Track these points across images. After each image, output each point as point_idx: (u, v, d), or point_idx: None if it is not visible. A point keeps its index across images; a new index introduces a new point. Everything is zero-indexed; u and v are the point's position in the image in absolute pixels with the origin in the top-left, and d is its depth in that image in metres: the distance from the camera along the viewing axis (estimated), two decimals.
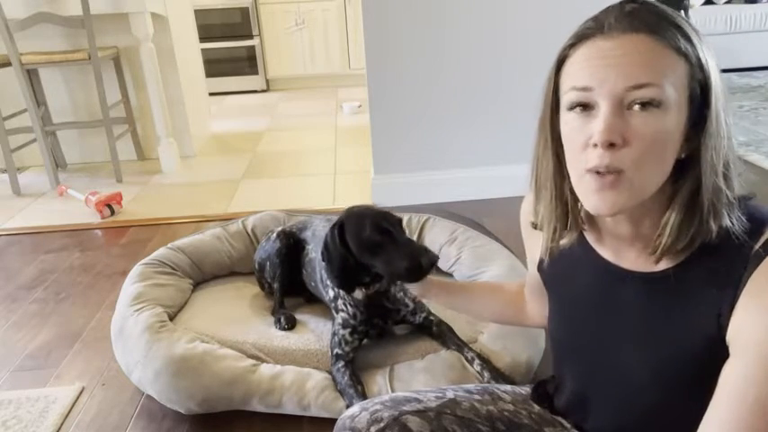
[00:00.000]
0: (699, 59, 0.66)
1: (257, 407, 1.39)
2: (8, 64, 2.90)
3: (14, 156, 3.07)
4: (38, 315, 1.94)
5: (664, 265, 0.72)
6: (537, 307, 1.06)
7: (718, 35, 4.78)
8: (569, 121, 0.70)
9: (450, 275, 1.85)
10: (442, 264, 1.88)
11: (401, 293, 1.49)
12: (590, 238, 0.81)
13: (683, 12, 4.27)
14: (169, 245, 1.89)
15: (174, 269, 1.80)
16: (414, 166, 2.65)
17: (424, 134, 2.60)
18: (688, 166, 0.68)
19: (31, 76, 3.13)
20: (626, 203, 0.68)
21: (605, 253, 0.79)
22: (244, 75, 5.32)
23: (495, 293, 1.16)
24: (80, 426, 1.44)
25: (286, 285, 1.67)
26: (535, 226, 0.84)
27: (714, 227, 0.67)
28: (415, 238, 1.94)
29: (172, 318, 1.62)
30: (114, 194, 2.76)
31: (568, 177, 0.73)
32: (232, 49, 5.22)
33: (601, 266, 0.79)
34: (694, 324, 0.70)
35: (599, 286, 0.81)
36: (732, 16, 4.86)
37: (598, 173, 0.67)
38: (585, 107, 0.68)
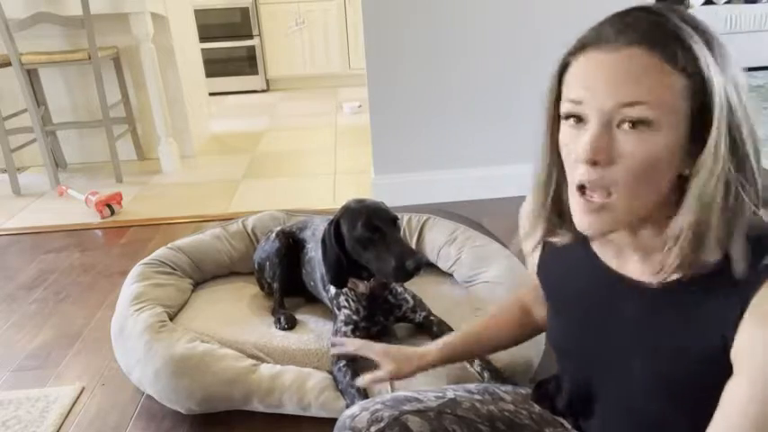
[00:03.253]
0: (702, 74, 0.62)
1: (257, 407, 1.39)
2: (8, 64, 2.90)
3: (14, 156, 3.07)
4: (38, 315, 1.94)
5: (670, 276, 0.70)
6: (544, 309, 1.05)
7: None
8: (564, 132, 0.69)
9: (451, 275, 1.85)
10: (441, 264, 1.88)
11: (401, 288, 1.49)
12: (593, 242, 0.79)
13: None
14: (169, 245, 1.89)
15: (173, 269, 1.80)
16: (414, 166, 2.65)
17: (424, 134, 2.60)
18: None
19: (31, 76, 3.13)
20: (612, 227, 0.67)
21: (608, 258, 0.77)
22: (244, 75, 5.32)
23: (491, 328, 1.08)
24: (80, 426, 1.44)
25: (286, 285, 1.67)
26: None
27: (724, 245, 0.64)
28: (415, 238, 1.94)
29: (172, 318, 1.62)
30: (114, 194, 2.76)
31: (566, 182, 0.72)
32: (232, 49, 5.22)
33: (602, 272, 0.78)
34: (698, 339, 0.68)
35: (599, 292, 0.79)
36: (732, 16, 4.87)
37: (584, 193, 0.66)
38: (579, 119, 0.66)
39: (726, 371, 0.65)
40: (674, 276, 0.68)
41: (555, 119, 0.71)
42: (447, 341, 1.06)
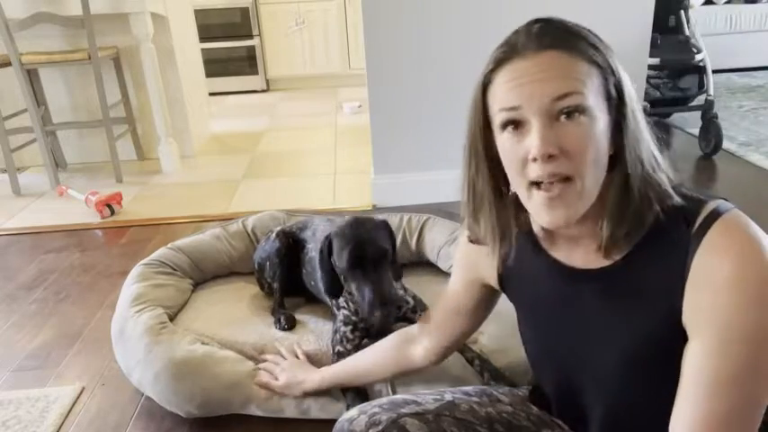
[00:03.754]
0: (609, 65, 0.71)
1: (256, 412, 1.39)
2: (8, 64, 2.90)
3: (14, 156, 3.07)
4: (38, 315, 1.94)
5: (610, 259, 0.74)
6: (435, 343, 1.07)
7: (718, 35, 4.78)
8: (504, 141, 0.73)
9: (450, 275, 1.85)
10: (441, 264, 1.88)
11: (402, 290, 1.50)
12: (544, 243, 0.83)
13: (683, 12, 4.27)
14: (169, 245, 1.89)
15: (173, 269, 1.80)
16: (414, 166, 2.65)
17: (424, 134, 2.60)
18: (615, 162, 0.72)
19: (31, 76, 3.13)
20: (577, 212, 0.71)
21: (559, 255, 0.81)
22: (244, 75, 5.32)
23: (364, 364, 1.22)
24: (80, 426, 1.44)
25: (286, 285, 1.67)
26: (474, 242, 0.88)
27: (649, 214, 0.70)
28: (415, 238, 1.94)
29: (172, 318, 1.62)
30: (114, 194, 2.76)
31: (506, 192, 0.78)
32: (232, 49, 5.21)
33: (556, 269, 0.81)
34: (651, 313, 0.71)
35: (557, 288, 0.82)
36: (732, 16, 4.86)
37: (541, 185, 0.70)
38: (517, 125, 0.71)
39: (681, 338, 0.69)
40: (619, 257, 0.73)
41: (484, 137, 0.78)
42: (331, 372, 1.28)
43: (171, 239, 1.99)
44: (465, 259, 0.99)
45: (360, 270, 1.27)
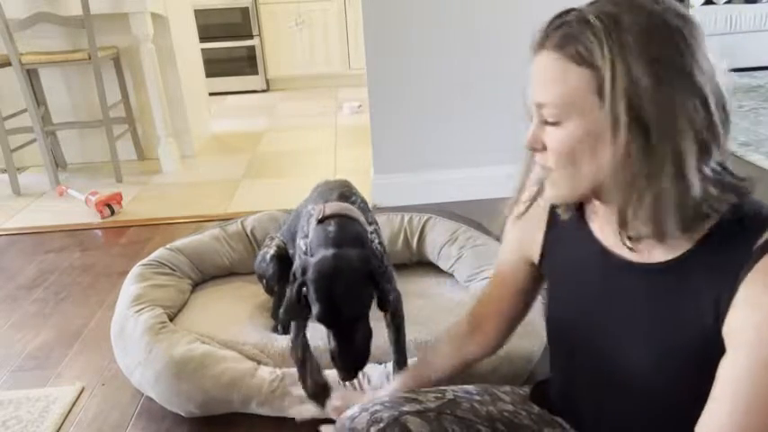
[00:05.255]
0: (615, 65, 0.65)
1: (257, 410, 1.39)
2: (8, 64, 2.90)
3: (14, 156, 3.07)
4: (38, 315, 1.94)
5: (664, 256, 0.73)
6: (494, 327, 1.03)
7: (718, 35, 4.78)
8: None
9: (451, 275, 1.85)
10: (442, 263, 1.88)
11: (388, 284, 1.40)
12: (593, 226, 0.82)
13: None
14: (168, 246, 1.89)
15: (173, 270, 1.79)
16: (414, 166, 2.65)
17: (424, 134, 2.60)
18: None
19: (31, 76, 3.13)
20: (561, 196, 0.77)
21: (607, 241, 0.80)
22: (244, 75, 5.31)
23: (430, 367, 1.11)
24: (80, 426, 1.44)
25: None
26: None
27: (690, 218, 0.68)
28: (416, 237, 1.93)
29: (172, 318, 1.62)
30: (114, 194, 2.76)
31: None
32: (232, 49, 5.21)
33: (602, 254, 0.80)
34: (693, 317, 0.70)
35: (600, 273, 0.81)
36: (732, 16, 4.86)
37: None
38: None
39: (719, 347, 0.68)
40: (671, 255, 0.72)
41: None
42: (402, 382, 1.11)
43: (171, 239, 1.98)
44: (512, 239, 0.98)
45: (332, 329, 1.15)
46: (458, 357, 1.07)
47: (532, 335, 1.42)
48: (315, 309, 1.13)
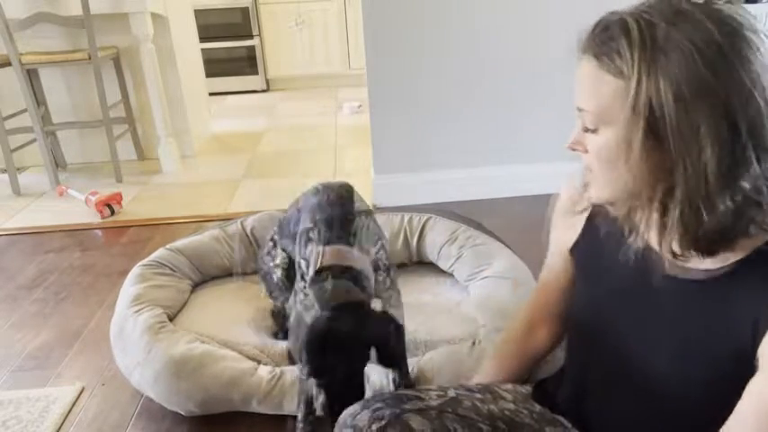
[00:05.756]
0: (641, 76, 0.65)
1: (257, 408, 1.39)
2: (8, 64, 2.89)
3: (14, 156, 3.07)
4: (38, 315, 1.94)
5: (705, 265, 0.72)
6: (547, 331, 1.05)
7: None
8: None
9: (451, 275, 1.85)
10: (442, 263, 1.88)
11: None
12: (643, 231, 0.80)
13: None
14: (168, 246, 1.88)
15: (173, 270, 1.79)
16: (414, 166, 2.64)
17: (424, 134, 2.60)
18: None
19: (31, 76, 3.13)
20: (602, 198, 0.78)
21: (646, 244, 0.78)
22: (244, 75, 5.31)
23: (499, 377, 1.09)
24: (80, 426, 1.44)
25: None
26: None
27: (721, 235, 0.67)
28: (415, 237, 1.93)
29: (171, 319, 1.62)
30: (114, 194, 2.76)
31: None
32: (232, 49, 5.21)
33: (639, 255, 0.78)
34: (728, 333, 0.69)
35: (634, 274, 0.80)
36: None
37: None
38: None
39: (750, 367, 0.66)
40: (711, 268, 0.71)
41: None
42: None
43: (171, 239, 1.98)
44: (555, 238, 0.98)
45: (321, 388, 1.08)
46: (522, 357, 1.09)
47: None
48: (305, 369, 1.08)
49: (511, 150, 2.60)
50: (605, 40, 0.69)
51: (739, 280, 0.69)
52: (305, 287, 1.24)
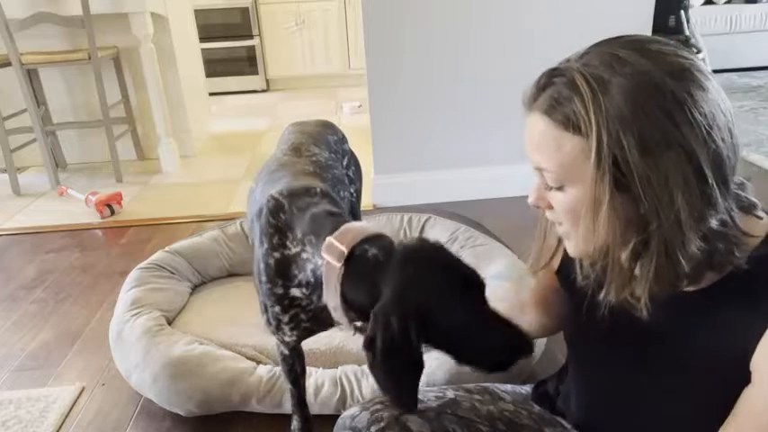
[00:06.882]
0: (603, 132, 0.63)
1: (256, 407, 1.39)
2: (8, 64, 2.90)
3: (14, 156, 3.07)
4: (38, 315, 1.94)
5: (691, 286, 0.71)
6: (536, 318, 1.03)
7: (718, 35, 4.78)
8: None
9: None
10: None
11: None
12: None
13: (682, 12, 4.26)
14: (167, 248, 1.88)
15: (172, 273, 1.79)
16: (414, 166, 2.64)
17: (424, 134, 2.60)
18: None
19: (31, 76, 3.13)
20: (580, 252, 0.74)
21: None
22: (244, 75, 5.31)
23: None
24: (80, 426, 1.44)
25: None
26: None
27: (703, 265, 0.66)
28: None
29: (170, 321, 1.62)
30: (114, 194, 2.76)
31: None
32: (232, 49, 5.21)
33: None
34: (719, 346, 0.69)
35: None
36: (732, 16, 4.86)
37: None
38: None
39: (742, 379, 0.66)
40: (702, 285, 0.70)
41: None
42: None
43: (171, 239, 1.99)
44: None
45: (474, 317, 0.84)
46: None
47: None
48: (455, 311, 0.82)
49: (510, 150, 2.60)
50: (555, 97, 0.66)
51: (724, 293, 0.69)
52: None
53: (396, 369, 0.80)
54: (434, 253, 0.86)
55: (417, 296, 0.80)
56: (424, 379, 1.29)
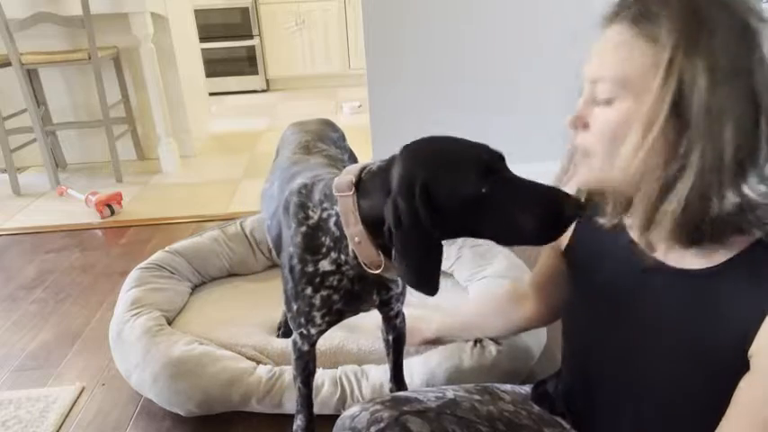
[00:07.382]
0: (678, 52, 0.62)
1: (256, 407, 1.39)
2: (8, 64, 2.90)
3: (14, 156, 3.07)
4: (38, 315, 1.94)
5: (699, 264, 0.70)
6: (539, 306, 1.06)
7: None
8: None
9: (451, 275, 1.85)
10: (442, 264, 1.88)
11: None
12: (627, 224, 0.79)
13: None
14: (167, 248, 1.88)
15: (172, 273, 1.79)
16: None
17: (423, 134, 2.59)
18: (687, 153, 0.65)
19: (31, 76, 3.13)
20: (588, 180, 0.75)
21: (640, 242, 0.77)
22: (244, 75, 5.32)
23: (476, 318, 1.25)
24: (80, 426, 1.44)
25: None
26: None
27: (718, 229, 0.65)
28: None
29: (170, 321, 1.62)
30: (114, 194, 2.76)
31: None
32: (232, 49, 5.21)
33: (633, 255, 0.77)
34: (721, 330, 0.68)
35: (629, 273, 0.79)
36: None
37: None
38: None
39: (741, 366, 0.66)
40: (707, 264, 0.69)
41: None
42: (447, 324, 1.30)
43: (171, 239, 1.98)
44: None
45: (498, 184, 0.82)
46: (507, 320, 1.15)
47: (532, 332, 1.42)
48: (468, 178, 0.80)
49: (510, 150, 2.60)
50: (644, 8, 0.66)
51: (732, 276, 0.68)
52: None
53: (410, 253, 0.81)
54: (438, 137, 0.90)
55: (420, 172, 0.82)
56: (424, 378, 1.34)
